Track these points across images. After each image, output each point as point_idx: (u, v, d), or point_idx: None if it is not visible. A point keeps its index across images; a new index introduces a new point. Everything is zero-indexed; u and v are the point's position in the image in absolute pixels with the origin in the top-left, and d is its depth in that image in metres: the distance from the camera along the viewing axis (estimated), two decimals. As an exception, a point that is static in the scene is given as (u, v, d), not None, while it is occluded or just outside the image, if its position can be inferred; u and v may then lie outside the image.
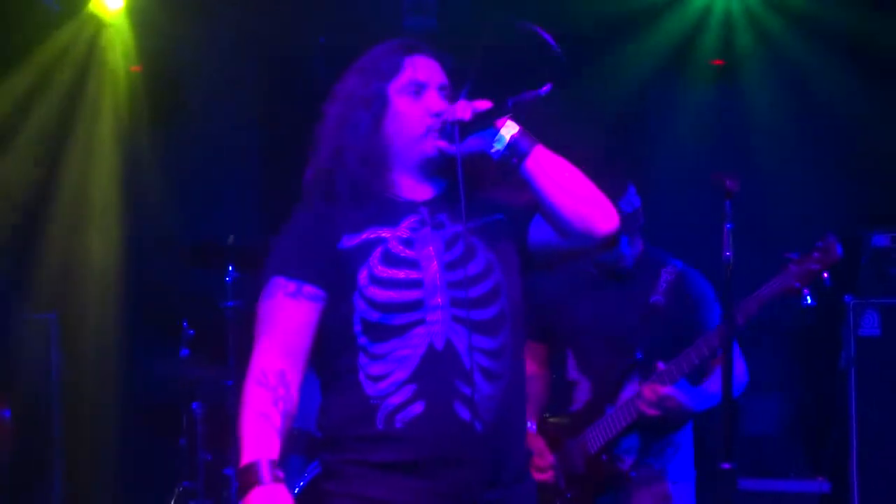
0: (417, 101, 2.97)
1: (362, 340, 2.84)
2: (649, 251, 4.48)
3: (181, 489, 6.06)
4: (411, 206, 2.97)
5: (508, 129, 2.86)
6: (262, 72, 7.09)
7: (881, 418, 5.76)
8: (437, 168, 2.97)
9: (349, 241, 2.90)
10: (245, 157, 7.07)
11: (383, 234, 2.91)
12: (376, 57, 3.03)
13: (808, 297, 3.92)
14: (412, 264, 2.88)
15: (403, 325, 2.82)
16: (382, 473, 2.81)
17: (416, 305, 2.83)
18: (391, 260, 2.88)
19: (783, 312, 6.16)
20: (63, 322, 6.52)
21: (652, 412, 4.13)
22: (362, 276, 2.85)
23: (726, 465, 3.15)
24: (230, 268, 5.85)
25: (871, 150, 6.37)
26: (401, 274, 2.86)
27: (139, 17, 6.68)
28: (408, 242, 2.91)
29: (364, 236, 2.90)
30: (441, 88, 3.00)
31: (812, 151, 6.51)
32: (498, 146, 2.86)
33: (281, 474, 2.73)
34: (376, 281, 2.85)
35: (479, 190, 2.99)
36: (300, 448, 5.64)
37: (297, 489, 5.31)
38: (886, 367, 5.74)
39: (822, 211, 6.27)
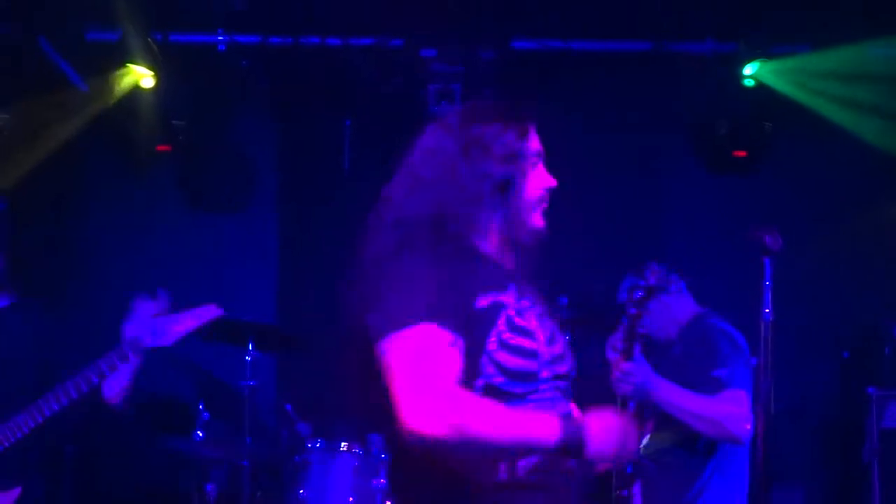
0: (536, 170, 2.93)
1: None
2: None
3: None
4: (510, 274, 2.92)
5: None
6: (287, 152, 7.15)
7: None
8: (531, 241, 2.93)
9: (482, 302, 2.80)
10: (267, 238, 7.10)
11: (504, 300, 2.84)
12: (507, 110, 2.95)
13: None
14: (531, 335, 2.84)
15: (522, 393, 2.79)
16: None
17: (533, 377, 2.81)
18: (515, 328, 2.82)
19: (810, 404, 6.18)
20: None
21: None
22: (491, 341, 2.77)
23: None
24: (250, 346, 5.83)
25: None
26: (525, 343, 2.82)
27: (167, 97, 6.72)
28: (520, 312, 2.86)
29: (492, 299, 2.81)
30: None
31: (835, 243, 6.53)
32: None
33: None
34: (506, 346, 2.79)
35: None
36: None
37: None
38: (909, 460, 5.68)
39: (846, 300, 6.27)
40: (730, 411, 4.36)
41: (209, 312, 4.58)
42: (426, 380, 2.62)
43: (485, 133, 2.88)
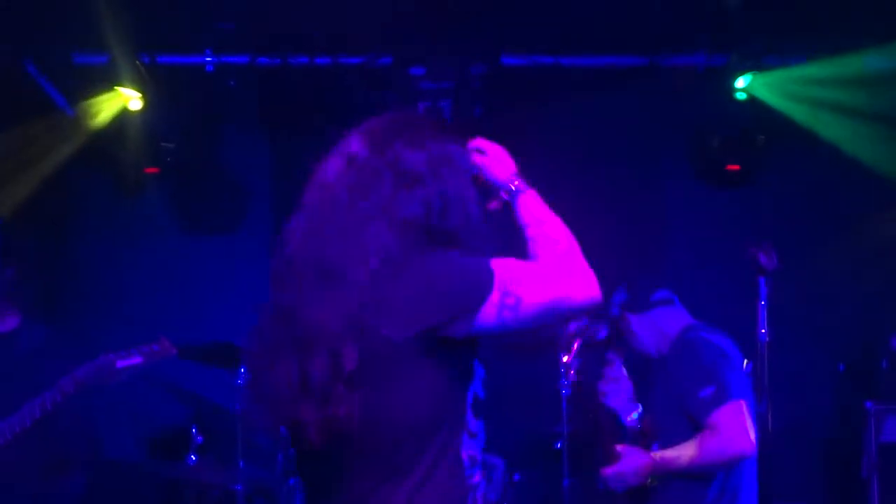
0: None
1: (469, 417, 2.70)
2: None
3: None
4: None
5: None
6: (279, 172, 7.12)
7: (905, 526, 5.67)
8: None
9: None
10: (260, 259, 7.06)
11: None
12: (462, 131, 2.88)
13: None
14: None
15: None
16: None
17: None
18: None
19: (808, 420, 6.14)
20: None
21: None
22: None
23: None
24: (242, 369, 5.78)
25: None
26: None
27: (156, 119, 6.68)
28: None
29: None
30: None
31: (830, 256, 6.52)
32: None
33: None
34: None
35: None
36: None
37: None
38: (909, 474, 5.65)
39: (843, 314, 6.24)
40: (723, 439, 4.29)
41: (162, 351, 4.45)
42: (544, 268, 2.64)
43: (451, 153, 2.76)
